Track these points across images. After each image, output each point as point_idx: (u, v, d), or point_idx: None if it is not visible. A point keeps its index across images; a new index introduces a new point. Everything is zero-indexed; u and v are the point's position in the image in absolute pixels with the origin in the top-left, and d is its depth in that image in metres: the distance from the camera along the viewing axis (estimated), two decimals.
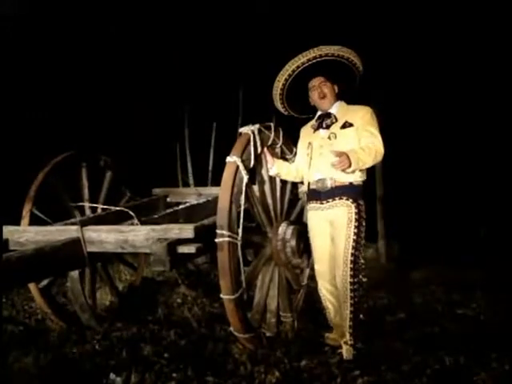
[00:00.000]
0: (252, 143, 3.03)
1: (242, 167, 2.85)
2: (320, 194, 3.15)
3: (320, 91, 3.23)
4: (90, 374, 2.73)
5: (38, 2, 6.66)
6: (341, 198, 3.07)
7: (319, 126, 3.26)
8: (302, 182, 3.57)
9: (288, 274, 3.46)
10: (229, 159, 2.90)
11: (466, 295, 4.53)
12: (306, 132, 3.41)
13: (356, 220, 3.03)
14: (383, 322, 3.77)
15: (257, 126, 3.12)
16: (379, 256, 6.91)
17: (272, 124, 3.33)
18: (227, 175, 2.84)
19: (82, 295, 3.56)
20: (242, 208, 2.83)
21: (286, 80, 3.27)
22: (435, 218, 8.06)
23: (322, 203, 3.15)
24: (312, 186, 3.22)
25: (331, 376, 2.66)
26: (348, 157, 2.87)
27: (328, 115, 3.24)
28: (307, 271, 3.90)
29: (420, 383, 2.56)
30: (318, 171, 3.16)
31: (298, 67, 3.20)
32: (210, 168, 4.92)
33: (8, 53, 6.35)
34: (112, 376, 2.65)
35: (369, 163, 2.99)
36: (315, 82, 3.26)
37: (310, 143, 3.27)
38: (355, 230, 3.02)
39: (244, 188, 2.86)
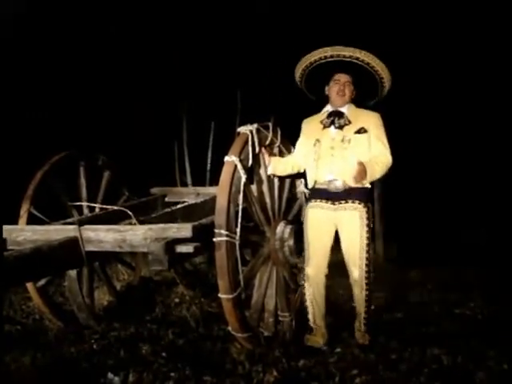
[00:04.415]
0: (250, 143, 3.03)
1: (240, 167, 2.86)
2: (331, 195, 3.19)
3: (342, 88, 3.24)
4: (88, 374, 2.73)
5: (38, 2, 6.65)
6: (353, 202, 3.15)
7: (331, 124, 3.25)
8: (301, 180, 3.60)
9: (286, 274, 3.46)
10: (227, 159, 2.90)
11: (463, 295, 4.53)
12: (312, 127, 3.37)
13: (367, 223, 3.16)
14: (381, 322, 3.76)
15: (255, 125, 3.12)
16: (377, 256, 6.90)
17: (270, 124, 3.33)
18: (225, 175, 2.84)
19: (80, 295, 3.55)
20: (240, 207, 2.83)
21: (321, 59, 3.24)
22: (433, 218, 8.06)
23: (334, 204, 3.18)
24: (321, 186, 3.24)
25: (329, 375, 2.66)
26: (365, 169, 3.02)
27: (340, 114, 3.24)
28: None
29: (418, 382, 2.56)
30: (330, 172, 3.18)
31: (338, 56, 3.18)
32: (208, 167, 4.91)
33: (7, 52, 6.33)
34: (110, 375, 2.64)
35: (378, 177, 3.17)
36: (342, 77, 3.25)
37: (318, 140, 3.25)
38: (367, 229, 3.16)
39: (242, 187, 2.86)
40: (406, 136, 8.14)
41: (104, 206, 3.85)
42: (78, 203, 4.02)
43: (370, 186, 3.24)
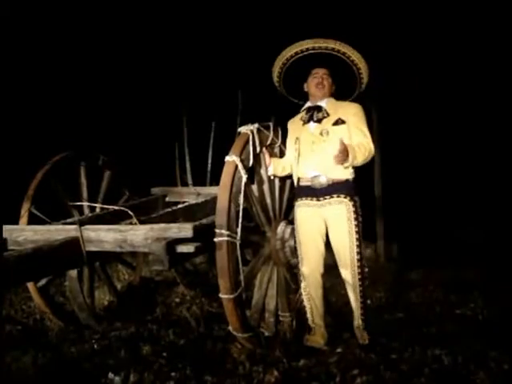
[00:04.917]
0: (251, 143, 3.03)
1: (240, 166, 2.85)
2: (315, 191, 3.15)
3: (321, 81, 3.24)
4: (89, 374, 2.73)
5: (38, 1, 6.66)
6: (339, 196, 3.10)
7: (310, 119, 3.24)
8: None
9: (286, 274, 3.46)
10: (228, 158, 2.90)
11: (464, 295, 4.52)
12: (294, 126, 3.38)
13: (355, 217, 3.08)
14: (382, 322, 3.77)
15: (256, 125, 3.12)
16: (378, 256, 6.91)
17: (271, 124, 3.33)
18: (226, 174, 2.84)
19: (81, 294, 3.56)
20: (241, 207, 2.83)
21: (297, 53, 3.26)
22: (434, 218, 8.06)
23: (319, 200, 3.14)
24: (305, 183, 3.21)
25: (330, 375, 2.66)
26: (348, 151, 2.93)
27: (318, 108, 3.23)
28: None
29: (418, 383, 2.56)
30: (312, 168, 3.16)
31: (313, 48, 3.19)
32: (209, 167, 4.91)
33: (7, 51, 6.33)
34: (111, 375, 2.64)
35: (360, 162, 3.05)
36: (320, 71, 3.26)
37: (297, 138, 3.26)
38: (356, 224, 3.08)
39: (243, 187, 2.86)
40: (407, 135, 8.15)
41: (105, 206, 3.85)
42: (79, 203, 4.02)
43: (353, 179, 3.16)
